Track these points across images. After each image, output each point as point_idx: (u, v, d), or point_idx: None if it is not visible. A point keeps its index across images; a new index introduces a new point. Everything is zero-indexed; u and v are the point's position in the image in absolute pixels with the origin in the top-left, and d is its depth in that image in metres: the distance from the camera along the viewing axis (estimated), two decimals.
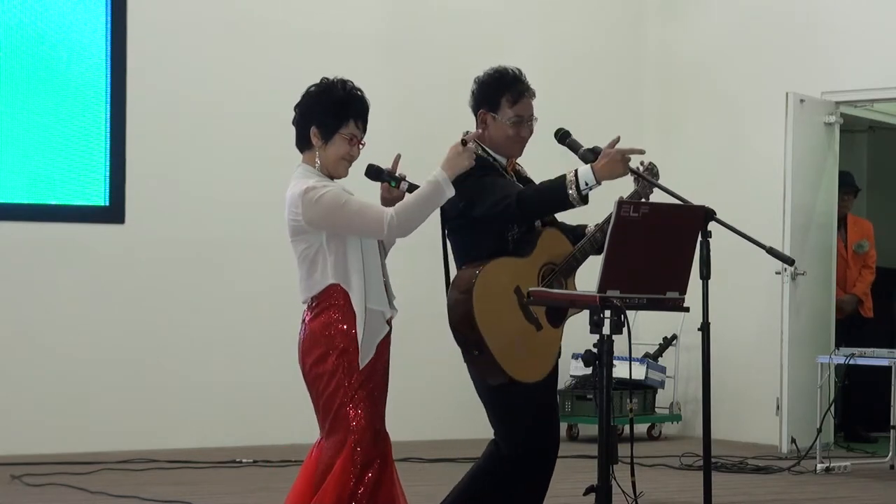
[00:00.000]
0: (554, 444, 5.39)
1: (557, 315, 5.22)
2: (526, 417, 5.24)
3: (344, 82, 4.91)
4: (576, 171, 5.05)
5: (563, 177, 5.07)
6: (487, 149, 5.31)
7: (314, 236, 4.81)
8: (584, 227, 5.50)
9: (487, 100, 5.32)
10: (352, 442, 4.76)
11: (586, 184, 5.01)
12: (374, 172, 4.96)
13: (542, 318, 5.18)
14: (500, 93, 5.30)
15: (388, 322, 4.90)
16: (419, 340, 9.07)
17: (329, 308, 4.79)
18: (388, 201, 4.95)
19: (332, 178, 4.89)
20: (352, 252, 4.80)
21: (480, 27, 11.10)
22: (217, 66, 10.27)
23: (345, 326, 4.78)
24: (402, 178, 4.94)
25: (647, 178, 5.34)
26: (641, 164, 5.40)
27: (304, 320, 4.89)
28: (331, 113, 4.86)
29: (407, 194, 4.88)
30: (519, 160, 5.50)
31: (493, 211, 5.14)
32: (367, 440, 4.77)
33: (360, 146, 4.91)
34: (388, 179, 4.96)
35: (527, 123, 5.33)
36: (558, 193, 5.06)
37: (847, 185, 11.20)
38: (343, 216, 4.75)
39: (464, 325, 5.09)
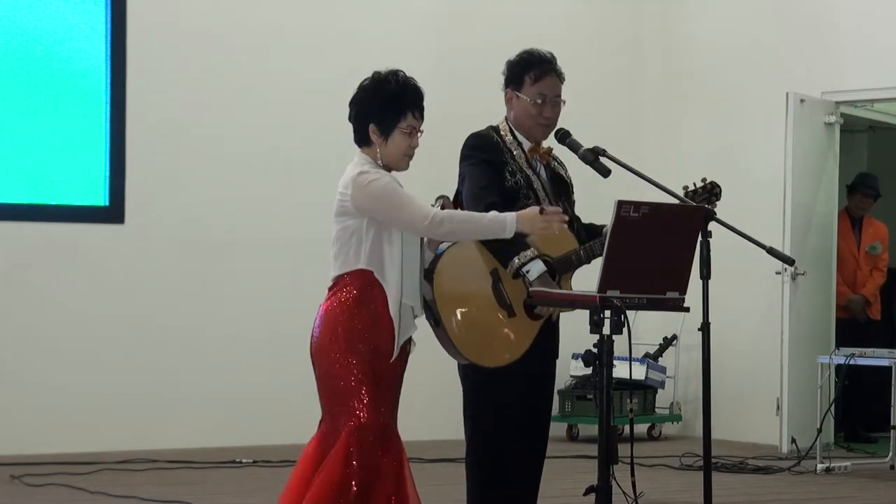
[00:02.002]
0: (521, 446, 5.30)
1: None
2: (490, 406, 5.23)
3: (396, 73, 4.88)
4: (534, 260, 5.02)
5: (523, 248, 5.02)
6: (515, 129, 5.35)
7: (355, 220, 4.81)
8: (603, 226, 5.38)
9: (513, 78, 5.37)
10: (349, 430, 4.72)
11: (527, 271, 5.01)
12: None
13: (519, 307, 5.14)
14: (525, 70, 5.34)
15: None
16: (421, 340, 9.04)
17: (350, 290, 4.78)
18: None
19: (390, 171, 4.89)
20: (390, 243, 4.80)
21: (481, 27, 11.09)
22: (217, 66, 10.25)
23: (363, 312, 4.76)
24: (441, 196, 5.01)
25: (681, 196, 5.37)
26: (704, 180, 5.45)
27: (323, 301, 4.86)
28: (388, 108, 4.82)
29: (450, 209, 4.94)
30: (561, 158, 5.50)
31: (469, 204, 5.18)
32: (367, 430, 4.73)
33: (419, 134, 4.89)
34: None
35: (551, 104, 5.33)
36: (504, 248, 5.02)
37: (869, 187, 11.18)
38: (389, 205, 4.76)
39: (429, 296, 5.11)
